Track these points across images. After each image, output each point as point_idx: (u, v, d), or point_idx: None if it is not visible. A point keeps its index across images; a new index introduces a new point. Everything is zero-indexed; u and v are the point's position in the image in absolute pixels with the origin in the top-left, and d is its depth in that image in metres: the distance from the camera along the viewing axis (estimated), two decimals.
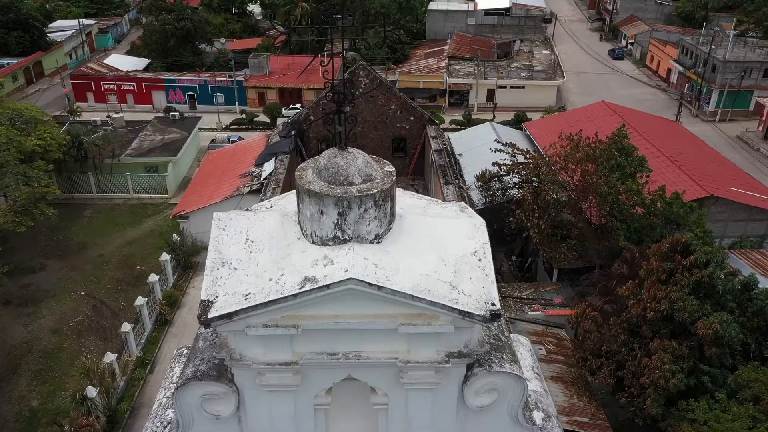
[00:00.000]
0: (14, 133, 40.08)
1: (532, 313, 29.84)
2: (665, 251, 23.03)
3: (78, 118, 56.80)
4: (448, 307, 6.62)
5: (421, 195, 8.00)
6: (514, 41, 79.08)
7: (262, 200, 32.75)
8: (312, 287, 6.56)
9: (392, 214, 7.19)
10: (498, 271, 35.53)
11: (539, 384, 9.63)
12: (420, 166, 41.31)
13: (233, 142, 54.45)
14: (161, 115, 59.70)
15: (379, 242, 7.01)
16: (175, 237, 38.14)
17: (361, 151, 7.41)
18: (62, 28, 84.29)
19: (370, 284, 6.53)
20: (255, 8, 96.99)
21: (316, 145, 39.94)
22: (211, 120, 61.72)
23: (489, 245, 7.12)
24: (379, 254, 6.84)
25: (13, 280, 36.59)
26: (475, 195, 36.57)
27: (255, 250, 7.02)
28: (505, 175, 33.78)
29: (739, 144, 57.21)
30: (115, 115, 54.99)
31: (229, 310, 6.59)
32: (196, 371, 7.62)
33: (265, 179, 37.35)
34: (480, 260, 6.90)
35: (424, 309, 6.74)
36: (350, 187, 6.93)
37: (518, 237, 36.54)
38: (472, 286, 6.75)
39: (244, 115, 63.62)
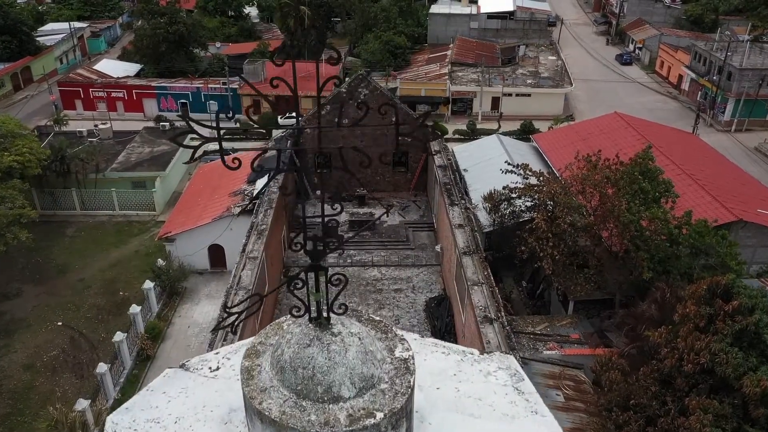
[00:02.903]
0: None
1: (548, 352, 27.21)
2: (703, 294, 20.50)
3: (64, 128, 54.07)
4: None
5: (446, 346, 4.81)
6: (519, 46, 76.30)
7: (251, 224, 30.14)
8: None
9: None
10: (507, 299, 32.97)
11: None
12: (422, 181, 39.19)
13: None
14: (151, 125, 56.95)
15: None
16: (160, 261, 35.39)
17: (356, 327, 4.02)
18: (54, 31, 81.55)
19: None
20: (252, 11, 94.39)
21: (313, 159, 37.47)
22: (204, 129, 58.98)
23: None
24: None
25: None
26: (483, 216, 34.16)
27: None
28: (516, 198, 31.19)
29: (758, 156, 54.50)
30: (101, 126, 52.21)
31: None
32: None
33: (256, 198, 34.97)
34: None
35: None
36: (335, 407, 3.71)
37: (528, 262, 33.97)
38: None
39: (238, 125, 60.85)
